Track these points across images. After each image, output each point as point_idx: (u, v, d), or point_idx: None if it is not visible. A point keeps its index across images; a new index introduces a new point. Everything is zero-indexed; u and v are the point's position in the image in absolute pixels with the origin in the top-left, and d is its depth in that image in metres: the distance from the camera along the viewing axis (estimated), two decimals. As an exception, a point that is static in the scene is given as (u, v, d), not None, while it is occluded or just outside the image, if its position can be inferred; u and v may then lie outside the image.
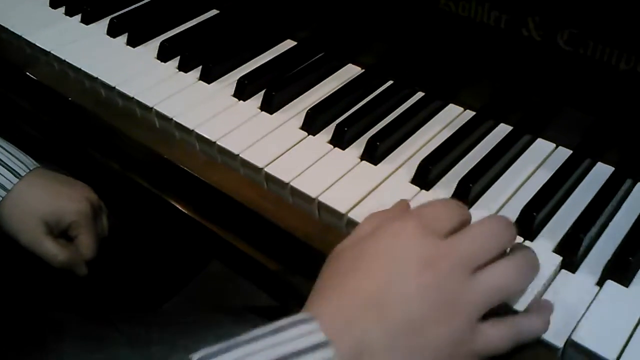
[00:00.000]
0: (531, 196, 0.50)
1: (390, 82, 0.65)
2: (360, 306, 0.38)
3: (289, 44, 0.73)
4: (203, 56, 0.69)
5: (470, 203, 0.51)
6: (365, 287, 0.38)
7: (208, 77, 0.67)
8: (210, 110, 0.62)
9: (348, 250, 0.41)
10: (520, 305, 0.42)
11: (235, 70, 0.68)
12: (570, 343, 0.41)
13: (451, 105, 0.62)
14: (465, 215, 0.42)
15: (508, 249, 0.43)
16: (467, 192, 0.51)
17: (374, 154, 0.56)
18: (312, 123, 0.60)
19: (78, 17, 0.80)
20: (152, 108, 0.63)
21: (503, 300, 0.40)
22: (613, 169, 0.54)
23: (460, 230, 0.41)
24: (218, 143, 0.58)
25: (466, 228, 0.41)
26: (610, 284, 0.44)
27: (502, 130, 0.59)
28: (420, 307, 0.37)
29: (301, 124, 0.60)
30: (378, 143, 0.56)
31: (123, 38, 0.75)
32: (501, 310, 0.41)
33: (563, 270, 0.45)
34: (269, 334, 0.36)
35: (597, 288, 0.44)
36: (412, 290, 0.38)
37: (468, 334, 0.38)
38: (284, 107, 0.63)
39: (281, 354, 0.35)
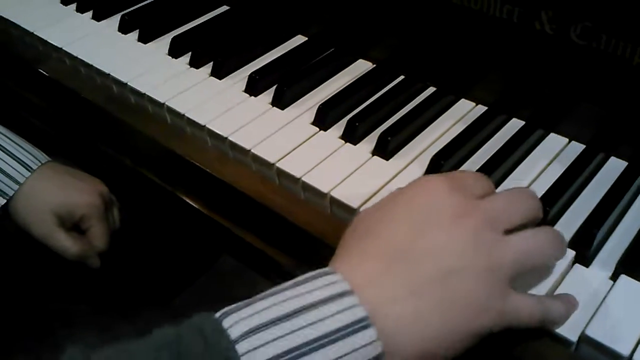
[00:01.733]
0: (544, 191, 0.50)
1: (401, 77, 0.65)
2: (385, 259, 0.37)
3: (300, 39, 0.73)
4: (214, 52, 0.69)
5: (482, 198, 0.51)
6: (392, 241, 0.38)
7: (219, 72, 0.67)
8: (222, 106, 0.62)
9: (374, 212, 0.41)
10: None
11: (247, 66, 0.69)
12: (584, 338, 0.41)
13: (463, 100, 0.62)
14: (492, 188, 0.42)
15: None
16: (480, 187, 0.51)
17: (385, 149, 0.56)
18: (324, 118, 0.60)
19: (89, 13, 0.80)
20: (163, 104, 0.63)
21: (534, 266, 0.40)
22: (626, 163, 0.53)
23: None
24: (230, 138, 0.58)
25: (494, 192, 0.41)
26: (624, 278, 0.44)
27: (515, 125, 0.58)
28: (449, 258, 0.37)
29: (312, 119, 0.60)
30: (390, 138, 0.56)
31: (134, 34, 0.75)
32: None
33: (576, 265, 0.45)
34: (291, 287, 0.36)
35: (611, 283, 0.44)
36: (441, 242, 0.37)
37: (500, 292, 0.37)
38: (296, 103, 0.63)
39: (306, 302, 0.35)
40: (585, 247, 0.46)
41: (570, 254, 0.45)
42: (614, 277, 0.44)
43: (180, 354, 0.34)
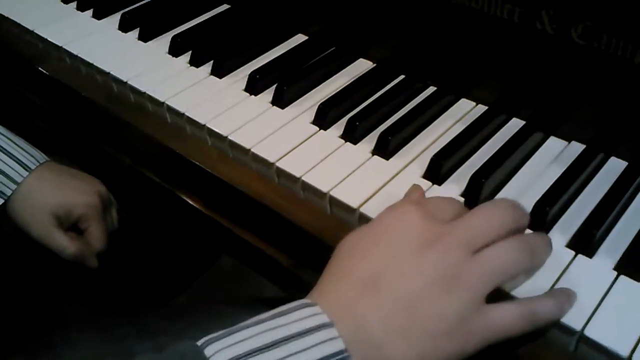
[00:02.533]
0: (544, 191, 0.50)
1: (401, 77, 0.65)
2: (358, 287, 0.38)
3: (300, 38, 0.73)
4: (214, 51, 0.69)
5: (482, 198, 0.51)
6: (362, 269, 0.39)
7: (219, 71, 0.67)
8: (222, 105, 0.62)
9: (351, 239, 0.42)
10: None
11: (247, 65, 0.68)
12: (583, 338, 0.40)
13: (463, 100, 0.62)
14: (463, 208, 0.43)
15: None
16: (480, 187, 0.51)
17: (385, 149, 0.56)
18: (324, 118, 0.59)
19: (90, 12, 0.80)
20: (163, 103, 0.63)
21: (507, 279, 0.40)
22: (626, 163, 0.53)
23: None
24: (229, 138, 0.58)
25: (468, 212, 0.41)
26: (623, 279, 0.43)
27: (515, 125, 0.58)
28: (417, 283, 0.38)
29: (312, 118, 0.60)
30: (390, 138, 0.56)
31: (135, 33, 0.75)
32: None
33: (575, 266, 0.45)
34: (272, 317, 0.37)
35: (610, 283, 0.43)
36: (409, 268, 0.38)
37: (470, 312, 0.38)
38: (296, 102, 0.63)
39: (284, 335, 0.36)
40: (584, 247, 0.46)
41: (570, 254, 0.45)
42: (614, 277, 0.44)
43: None
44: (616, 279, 0.44)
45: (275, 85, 0.63)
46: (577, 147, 0.55)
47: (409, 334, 0.37)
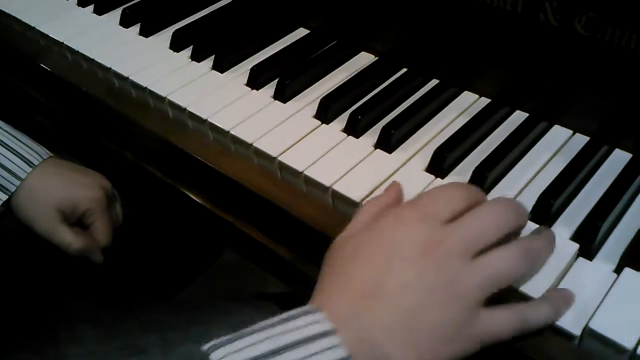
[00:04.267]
0: (548, 183, 0.50)
1: (404, 70, 0.65)
2: (360, 297, 0.39)
3: (301, 32, 0.72)
4: (216, 45, 0.69)
5: (486, 191, 0.51)
6: (365, 278, 0.39)
7: (221, 66, 0.67)
8: (224, 100, 0.62)
9: (348, 241, 0.42)
10: (535, 293, 0.42)
11: (248, 59, 0.68)
12: (588, 331, 0.40)
13: (466, 93, 0.61)
14: (468, 197, 0.42)
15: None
16: (483, 180, 0.50)
17: (388, 142, 0.55)
18: (326, 111, 0.59)
19: (91, 7, 0.79)
20: (165, 98, 0.63)
21: (506, 285, 0.40)
22: (631, 155, 0.53)
23: (466, 211, 0.41)
24: (231, 132, 0.58)
25: (468, 212, 0.41)
26: (628, 271, 0.43)
27: (518, 117, 0.58)
28: (418, 291, 0.38)
29: (314, 112, 0.60)
30: (392, 131, 0.55)
31: (136, 28, 0.75)
32: (516, 297, 0.41)
33: (580, 258, 0.45)
34: (276, 324, 0.38)
35: (615, 275, 0.43)
36: (410, 276, 0.38)
37: (468, 318, 0.38)
38: (297, 96, 0.63)
39: (289, 341, 0.36)
40: (589, 240, 0.45)
41: (574, 247, 0.45)
42: (618, 270, 0.44)
43: None
44: (621, 271, 0.43)
45: (276, 80, 0.63)
46: (581, 139, 0.55)
47: (411, 341, 0.37)
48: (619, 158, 0.53)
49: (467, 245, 0.39)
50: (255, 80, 0.64)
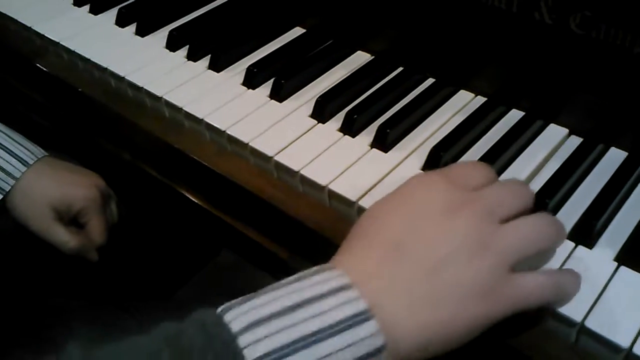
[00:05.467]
0: (544, 182, 0.50)
1: (400, 69, 0.65)
2: (381, 253, 0.38)
3: (298, 31, 0.72)
4: (212, 45, 0.69)
5: (481, 190, 0.51)
6: (386, 235, 0.39)
7: (217, 65, 0.67)
8: (220, 99, 0.62)
9: (375, 206, 0.42)
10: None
11: (245, 59, 0.68)
12: (584, 330, 0.40)
13: (462, 92, 0.61)
14: (491, 175, 0.43)
15: None
16: (479, 179, 0.50)
17: (384, 141, 0.55)
18: (322, 111, 0.59)
19: (87, 7, 0.79)
20: (161, 97, 0.63)
21: (533, 253, 0.40)
22: (627, 153, 0.53)
23: None
24: (227, 132, 0.58)
25: (491, 183, 0.41)
26: (623, 270, 0.43)
27: (514, 116, 0.58)
28: (443, 247, 0.37)
29: (311, 112, 0.60)
30: (388, 130, 0.55)
31: (132, 28, 0.75)
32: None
33: (576, 257, 0.45)
34: (292, 281, 0.37)
35: (611, 274, 0.43)
36: (435, 232, 0.38)
37: (497, 280, 0.37)
38: (294, 95, 0.63)
39: (307, 296, 0.35)
40: (585, 238, 0.45)
41: (570, 245, 0.45)
42: (614, 269, 0.44)
43: (183, 348, 0.34)
44: (617, 269, 0.43)
45: (273, 79, 0.63)
46: (576, 138, 0.55)
47: (432, 299, 0.36)
48: (615, 156, 0.53)
49: (493, 209, 0.39)
50: (252, 80, 0.64)
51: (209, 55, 0.68)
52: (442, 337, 0.37)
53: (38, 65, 0.75)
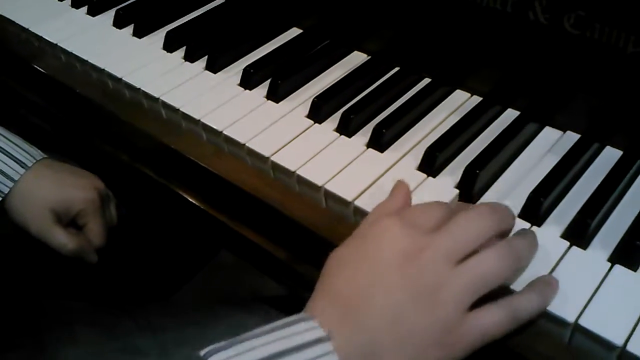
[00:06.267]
0: (539, 181, 0.50)
1: (396, 69, 0.65)
2: (347, 305, 0.39)
3: (294, 32, 0.73)
4: (209, 46, 0.69)
5: (477, 189, 0.51)
6: (350, 286, 0.40)
7: (214, 66, 0.67)
8: (217, 100, 0.62)
9: (338, 251, 0.43)
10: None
11: (241, 60, 0.68)
12: (578, 328, 0.41)
13: (458, 91, 0.62)
14: (449, 210, 0.43)
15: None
16: (474, 179, 0.51)
17: (380, 142, 0.56)
18: (318, 111, 0.59)
19: (84, 8, 0.80)
20: (158, 99, 0.63)
21: (492, 286, 0.40)
22: (621, 152, 0.53)
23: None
24: (224, 133, 0.58)
25: (450, 220, 0.41)
26: (618, 268, 0.43)
27: (510, 115, 0.58)
28: (402, 297, 0.39)
29: (307, 112, 0.60)
30: (384, 130, 0.56)
31: (129, 29, 0.75)
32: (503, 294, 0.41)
33: (570, 256, 0.45)
34: (271, 331, 0.39)
35: (605, 273, 0.43)
36: (394, 283, 0.39)
37: (454, 323, 0.39)
38: (290, 96, 0.63)
39: (287, 347, 0.37)
40: (579, 237, 0.46)
41: (564, 245, 0.45)
42: (608, 267, 0.44)
43: None
44: (611, 268, 0.44)
45: (269, 80, 0.63)
46: (572, 137, 0.55)
47: (398, 346, 0.38)
48: (610, 155, 0.53)
49: (449, 252, 0.40)
50: (248, 81, 0.64)
51: (206, 56, 0.68)
52: None
53: (36, 66, 0.75)
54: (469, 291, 0.39)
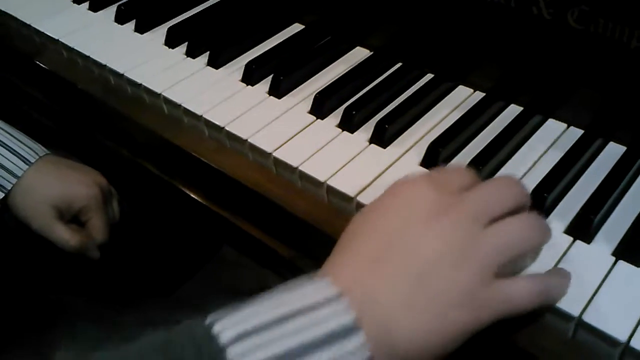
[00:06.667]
0: (542, 177, 0.50)
1: (399, 64, 0.65)
2: (368, 260, 0.38)
3: (296, 27, 0.72)
4: (211, 41, 0.69)
5: (480, 185, 0.51)
6: (373, 241, 0.39)
7: (216, 62, 0.67)
8: (219, 96, 0.62)
9: (362, 211, 0.42)
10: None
11: (243, 55, 0.68)
12: (581, 324, 0.40)
13: (461, 87, 0.61)
14: (476, 179, 0.42)
15: None
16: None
17: (382, 137, 0.55)
18: (321, 107, 0.59)
19: (86, 4, 0.80)
20: (160, 94, 0.63)
21: (519, 255, 0.40)
22: (625, 148, 0.53)
23: None
24: (226, 128, 0.58)
25: (477, 185, 0.41)
26: (621, 264, 0.43)
27: (513, 111, 0.58)
28: (427, 253, 0.37)
29: (309, 108, 0.60)
30: (387, 126, 0.55)
31: (131, 25, 0.75)
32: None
33: (573, 251, 0.45)
34: (282, 292, 0.37)
35: (608, 269, 0.43)
36: (419, 238, 0.38)
37: (479, 286, 0.37)
38: (292, 92, 0.63)
39: (296, 308, 0.35)
40: (583, 233, 0.46)
41: (568, 240, 0.45)
42: (612, 263, 0.44)
43: (171, 359, 0.34)
44: (614, 264, 0.43)
45: (271, 75, 0.63)
46: (575, 132, 0.55)
47: (417, 306, 0.36)
48: (614, 151, 0.53)
49: (478, 213, 0.39)
50: (250, 76, 0.64)
51: (208, 52, 0.68)
52: (430, 343, 0.36)
53: (37, 62, 0.75)
54: (498, 254, 0.38)
